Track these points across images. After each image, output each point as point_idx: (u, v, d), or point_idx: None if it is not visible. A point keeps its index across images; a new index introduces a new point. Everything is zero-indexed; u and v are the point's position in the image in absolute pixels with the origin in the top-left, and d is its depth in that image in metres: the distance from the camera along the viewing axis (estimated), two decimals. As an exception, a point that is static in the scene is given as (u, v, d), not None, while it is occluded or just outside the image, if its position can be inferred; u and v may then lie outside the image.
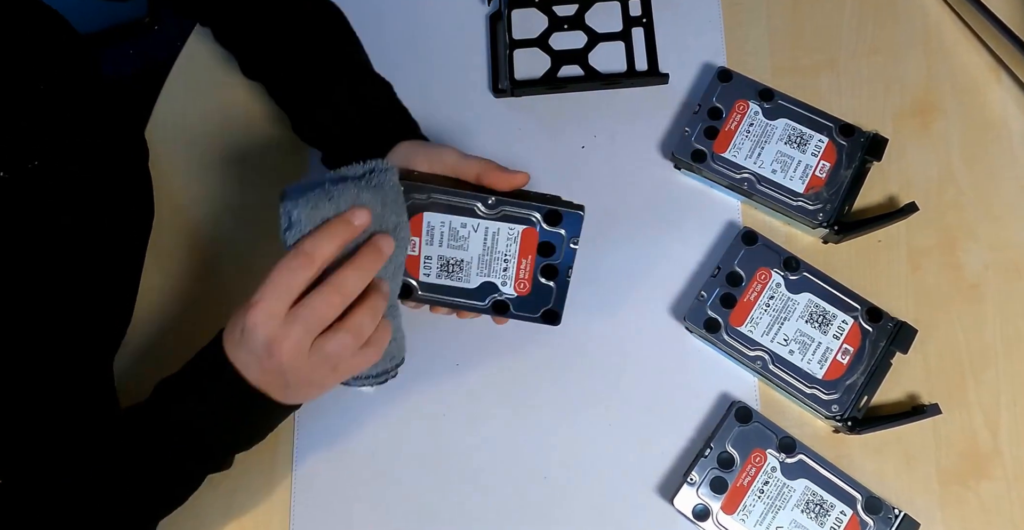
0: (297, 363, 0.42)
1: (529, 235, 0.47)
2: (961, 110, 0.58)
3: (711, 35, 0.61)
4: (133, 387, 0.59)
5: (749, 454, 0.50)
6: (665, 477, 0.53)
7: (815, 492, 0.49)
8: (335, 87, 0.53)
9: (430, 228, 0.47)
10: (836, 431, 0.52)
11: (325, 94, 0.53)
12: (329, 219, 0.42)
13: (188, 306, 0.61)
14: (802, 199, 0.54)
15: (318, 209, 0.42)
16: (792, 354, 0.52)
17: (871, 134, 0.55)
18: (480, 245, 0.47)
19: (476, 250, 0.47)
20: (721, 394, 0.54)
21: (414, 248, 0.48)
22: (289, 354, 0.41)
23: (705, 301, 0.53)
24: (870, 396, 0.51)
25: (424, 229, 0.48)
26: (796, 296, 0.53)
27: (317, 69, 0.54)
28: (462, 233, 0.47)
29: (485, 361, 0.57)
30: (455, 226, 0.47)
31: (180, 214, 0.63)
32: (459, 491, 0.54)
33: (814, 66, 0.60)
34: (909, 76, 0.59)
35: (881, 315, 0.52)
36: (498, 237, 0.47)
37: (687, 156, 0.56)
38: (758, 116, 0.56)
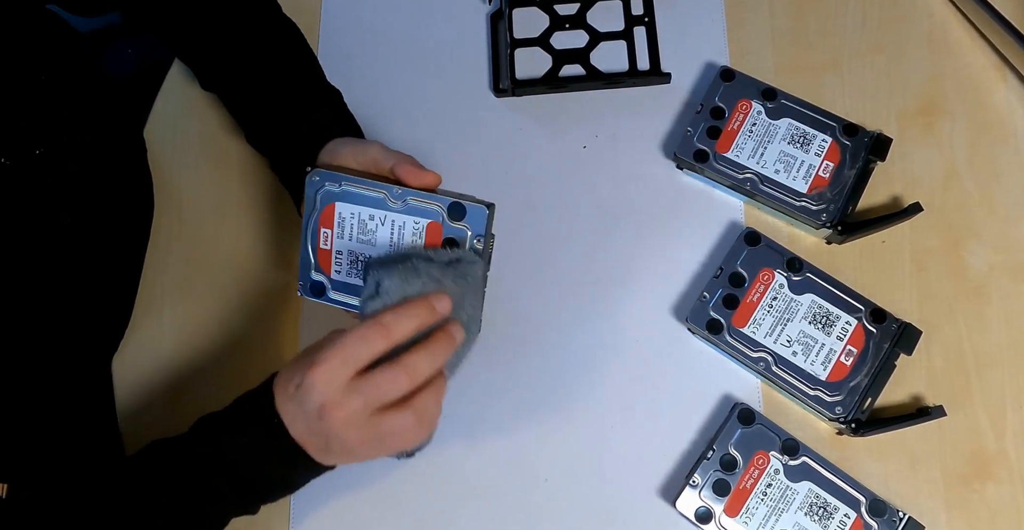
0: (346, 433, 0.41)
1: (433, 230, 0.46)
2: (966, 110, 0.58)
3: (714, 34, 0.62)
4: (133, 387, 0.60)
5: (752, 456, 0.50)
6: (667, 479, 0.53)
7: (818, 495, 0.49)
8: (284, 104, 0.55)
9: (341, 219, 0.47)
10: (839, 433, 0.53)
11: (274, 110, 0.55)
12: (411, 297, 0.43)
13: (187, 306, 0.61)
14: (805, 199, 0.55)
15: (407, 284, 0.43)
16: (795, 355, 0.52)
17: (875, 134, 0.56)
18: (387, 238, 0.47)
19: (383, 246, 0.47)
20: (723, 396, 0.54)
21: (327, 241, 0.48)
22: (340, 423, 0.41)
23: (707, 302, 0.53)
24: (874, 398, 0.51)
25: (336, 220, 0.48)
26: (799, 297, 0.53)
27: (268, 86, 0.56)
28: (370, 226, 0.47)
29: (485, 362, 0.57)
30: (364, 218, 0.47)
31: (179, 214, 0.63)
32: (458, 493, 0.55)
33: (818, 65, 0.60)
34: (913, 75, 0.59)
35: (885, 316, 0.52)
36: (404, 231, 0.47)
37: (689, 156, 0.57)
38: (761, 116, 0.57)
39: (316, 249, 0.49)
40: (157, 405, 0.59)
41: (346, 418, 0.41)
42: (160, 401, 0.59)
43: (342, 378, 0.41)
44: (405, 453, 0.47)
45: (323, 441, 0.42)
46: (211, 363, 0.59)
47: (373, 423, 0.42)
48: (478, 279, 0.46)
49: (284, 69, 0.57)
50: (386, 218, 0.47)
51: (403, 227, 0.47)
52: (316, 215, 0.48)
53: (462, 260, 0.45)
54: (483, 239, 0.46)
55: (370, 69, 0.64)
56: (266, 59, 0.57)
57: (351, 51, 0.65)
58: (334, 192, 0.47)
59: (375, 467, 0.56)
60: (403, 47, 0.65)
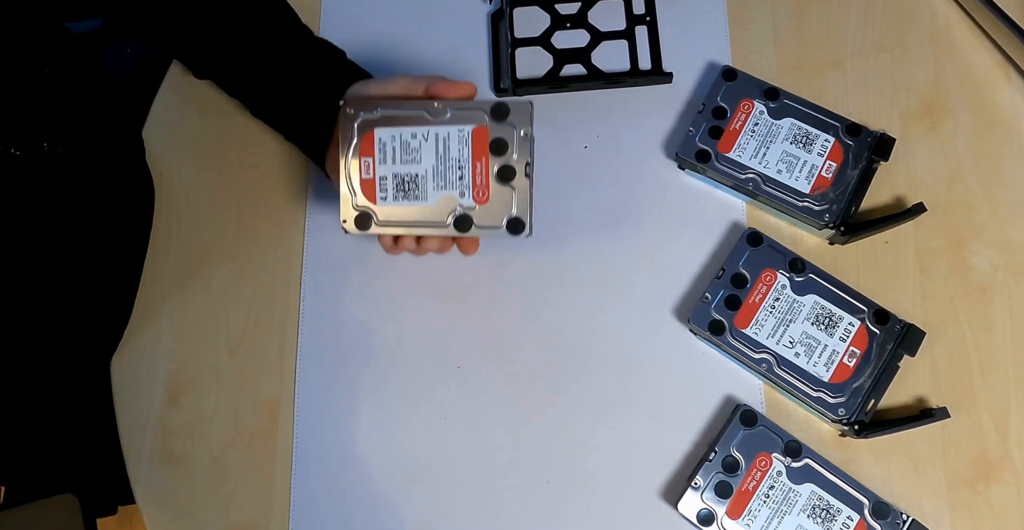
0: None
1: (480, 134, 0.47)
2: (970, 109, 0.58)
3: (716, 33, 0.62)
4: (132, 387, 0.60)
5: (754, 458, 0.51)
6: (669, 481, 0.53)
7: (821, 497, 0.50)
8: (290, 69, 0.54)
9: (382, 145, 0.48)
10: (843, 435, 0.53)
11: (281, 77, 0.54)
12: None
13: (186, 307, 0.61)
14: (808, 200, 0.55)
15: None
16: (798, 357, 0.52)
17: (878, 134, 0.56)
18: (432, 154, 0.47)
19: (429, 161, 0.47)
20: (726, 397, 0.54)
21: (368, 170, 0.48)
22: None
23: (709, 303, 0.54)
24: (877, 399, 0.51)
25: (376, 147, 0.48)
26: (802, 298, 0.53)
27: (269, 57, 0.55)
28: (413, 144, 0.47)
29: (487, 364, 0.57)
30: (406, 138, 0.47)
31: (178, 214, 0.64)
32: (460, 495, 0.55)
33: (820, 65, 0.60)
34: (917, 75, 0.59)
35: (888, 317, 0.52)
36: (449, 142, 0.47)
37: (691, 156, 0.57)
38: (763, 115, 0.57)
39: (358, 180, 0.49)
40: (156, 405, 0.59)
41: None
42: (159, 402, 0.59)
43: None
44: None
45: None
46: (210, 364, 0.60)
47: None
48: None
49: (282, 38, 0.56)
50: (429, 133, 0.47)
51: (448, 138, 0.47)
52: (354, 146, 0.48)
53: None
54: (530, 132, 0.47)
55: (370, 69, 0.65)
56: (260, 33, 0.56)
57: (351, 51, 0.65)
58: (371, 119, 0.48)
59: (375, 468, 0.56)
60: (403, 47, 0.65)
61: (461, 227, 0.48)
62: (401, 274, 0.59)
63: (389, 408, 0.57)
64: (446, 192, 0.48)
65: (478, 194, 0.48)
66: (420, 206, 0.48)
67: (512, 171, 0.47)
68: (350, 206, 0.49)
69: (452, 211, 0.48)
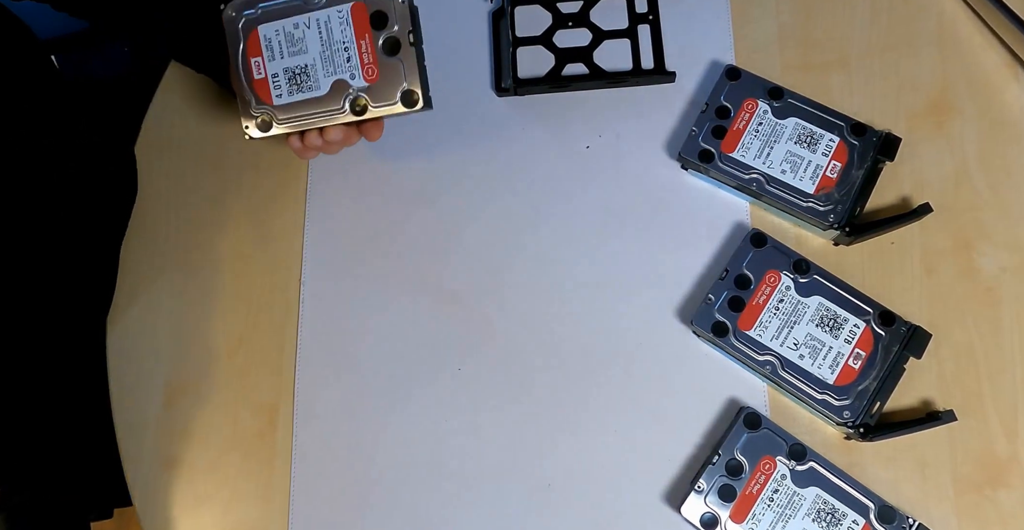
0: None
1: (359, 10, 0.48)
2: (977, 108, 0.58)
3: (719, 32, 0.62)
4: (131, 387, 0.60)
5: (758, 461, 0.51)
6: (672, 485, 0.53)
7: (826, 501, 0.50)
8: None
9: (267, 41, 0.49)
10: (848, 438, 0.53)
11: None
12: None
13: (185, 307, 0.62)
14: (812, 200, 0.55)
15: None
16: (802, 359, 0.52)
17: (883, 133, 0.56)
18: (317, 41, 0.48)
19: (315, 49, 0.48)
20: (729, 400, 0.55)
21: (259, 70, 0.49)
22: None
23: (713, 304, 0.54)
24: (883, 402, 0.51)
25: (262, 45, 0.49)
26: (806, 299, 0.53)
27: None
28: (297, 35, 0.48)
29: (487, 366, 0.57)
30: (289, 30, 0.49)
31: (176, 214, 0.64)
32: (460, 499, 0.55)
33: (825, 64, 0.61)
34: (923, 74, 0.60)
35: (894, 319, 0.52)
36: (331, 25, 0.48)
37: (694, 156, 0.57)
38: (767, 115, 0.57)
39: (251, 83, 0.50)
40: (154, 408, 0.60)
41: None
42: (157, 404, 0.60)
43: None
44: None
45: None
46: (209, 366, 0.60)
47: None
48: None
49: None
50: (310, 20, 0.48)
51: (329, 21, 0.48)
52: (242, 48, 0.49)
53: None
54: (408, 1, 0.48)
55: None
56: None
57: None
58: (253, 17, 0.49)
59: (375, 471, 0.56)
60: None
61: (357, 110, 0.49)
62: (401, 275, 0.60)
63: (389, 410, 0.57)
64: (337, 77, 0.48)
65: (368, 72, 0.48)
66: (315, 96, 0.49)
67: (397, 42, 0.48)
68: (250, 111, 0.50)
69: (347, 95, 0.48)
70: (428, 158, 0.62)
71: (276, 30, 0.49)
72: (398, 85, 0.48)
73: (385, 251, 0.61)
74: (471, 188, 0.61)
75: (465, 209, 0.61)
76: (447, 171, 0.62)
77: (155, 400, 0.60)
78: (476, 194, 0.61)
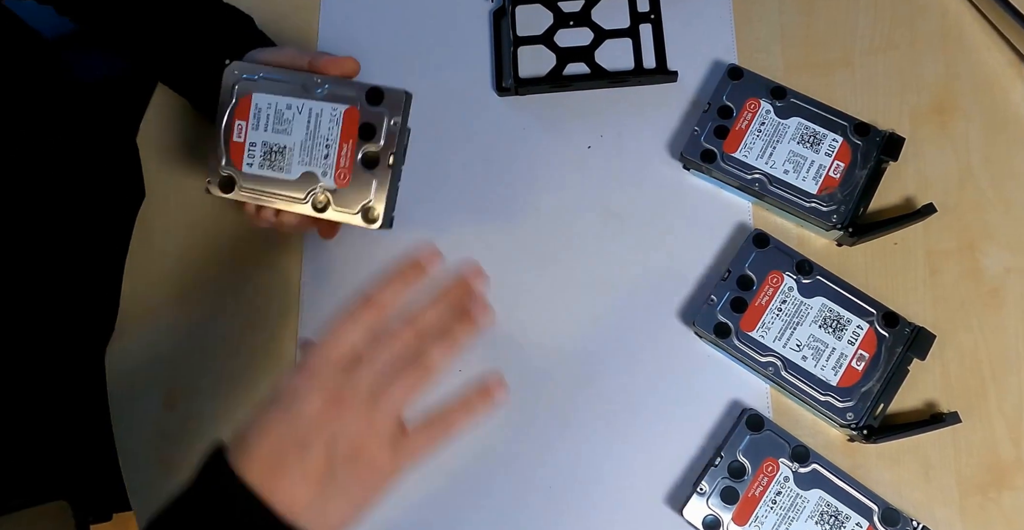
0: (360, 419, 0.38)
1: (351, 115, 0.48)
2: (981, 108, 0.59)
3: (721, 31, 0.62)
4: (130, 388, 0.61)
5: (761, 463, 0.51)
6: (674, 487, 0.54)
7: (829, 503, 0.50)
8: (194, 32, 0.55)
9: (257, 110, 0.49)
10: (851, 440, 0.53)
11: (184, 41, 0.55)
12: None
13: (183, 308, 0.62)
14: (815, 200, 0.55)
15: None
16: (805, 360, 0.52)
17: (887, 133, 0.56)
18: (303, 128, 0.49)
19: (299, 135, 0.49)
20: (732, 401, 0.55)
21: (240, 134, 0.50)
22: (356, 405, 0.37)
23: (715, 305, 0.54)
24: (886, 404, 0.51)
25: (251, 112, 0.49)
26: (809, 300, 0.53)
27: (173, 17, 0.56)
28: (287, 115, 0.49)
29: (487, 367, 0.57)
30: (281, 107, 0.49)
31: (175, 215, 0.64)
32: (459, 501, 0.55)
33: (828, 63, 0.61)
34: (927, 73, 0.60)
35: (898, 320, 0.52)
36: (321, 118, 0.49)
37: (696, 156, 0.57)
38: (770, 115, 0.57)
39: (228, 143, 0.50)
40: (153, 410, 0.60)
41: (360, 399, 0.38)
42: (156, 406, 0.60)
43: (334, 368, 0.38)
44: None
45: (330, 464, 0.37)
46: (208, 368, 0.60)
47: (378, 402, 0.39)
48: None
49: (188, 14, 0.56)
50: (304, 106, 0.49)
51: (320, 114, 0.49)
52: (231, 107, 0.50)
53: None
54: (400, 123, 0.48)
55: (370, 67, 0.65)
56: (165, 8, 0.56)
57: (351, 49, 0.66)
58: (252, 81, 0.49)
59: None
60: (404, 45, 0.66)
61: (318, 207, 0.49)
62: (401, 276, 0.60)
63: (389, 412, 0.57)
64: (310, 168, 0.49)
65: (340, 176, 0.49)
66: (283, 178, 0.49)
67: (376, 159, 0.48)
68: (218, 168, 0.51)
69: (312, 189, 0.49)
70: (428, 158, 0.62)
71: (269, 103, 0.49)
72: (363, 198, 0.49)
73: (384, 251, 0.61)
74: (471, 188, 0.62)
75: (465, 209, 0.61)
76: (446, 170, 0.62)
77: (154, 402, 0.60)
78: (476, 194, 0.61)
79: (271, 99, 0.49)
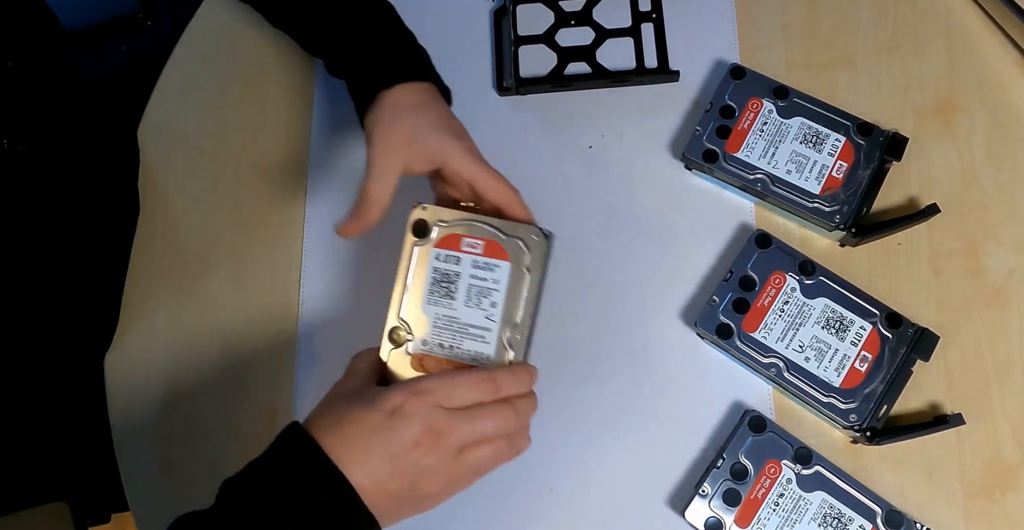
0: (440, 464, 0.41)
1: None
2: (985, 108, 0.59)
3: (723, 30, 0.62)
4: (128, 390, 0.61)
5: (763, 465, 0.51)
6: (676, 489, 0.54)
7: (832, 505, 0.50)
8: (357, 37, 0.52)
9: (454, 277, 0.46)
10: (854, 442, 0.53)
11: (347, 44, 0.52)
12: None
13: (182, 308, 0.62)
14: (818, 200, 0.55)
15: None
16: (808, 361, 0.52)
17: (890, 133, 0.56)
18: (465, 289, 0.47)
19: (463, 291, 0.46)
20: (734, 402, 0.55)
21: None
22: (443, 451, 0.40)
23: (717, 306, 0.54)
24: (890, 405, 0.51)
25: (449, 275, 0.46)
26: (812, 301, 0.53)
27: (338, 20, 0.53)
28: (451, 277, 0.47)
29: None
30: (445, 269, 0.47)
31: (173, 215, 0.65)
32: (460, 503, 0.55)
33: (831, 62, 0.61)
34: (931, 72, 0.60)
35: (901, 321, 0.52)
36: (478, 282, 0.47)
37: (698, 156, 0.58)
38: (772, 114, 0.57)
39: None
40: (152, 411, 0.60)
41: (451, 444, 0.40)
42: (155, 407, 0.60)
43: (443, 409, 0.41)
44: None
45: (408, 482, 0.40)
46: (207, 368, 0.61)
47: (466, 453, 0.42)
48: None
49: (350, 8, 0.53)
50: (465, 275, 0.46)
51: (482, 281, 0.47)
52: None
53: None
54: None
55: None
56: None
57: (351, 49, 0.66)
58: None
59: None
60: (404, 44, 0.66)
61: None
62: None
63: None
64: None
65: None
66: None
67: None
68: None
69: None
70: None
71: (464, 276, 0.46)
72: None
73: (385, 251, 0.61)
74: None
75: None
76: (448, 171, 0.62)
77: (152, 403, 0.60)
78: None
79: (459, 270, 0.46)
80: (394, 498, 0.40)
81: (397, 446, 0.40)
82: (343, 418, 0.41)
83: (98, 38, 1.41)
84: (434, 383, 0.41)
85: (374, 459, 0.39)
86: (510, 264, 0.46)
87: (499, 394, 0.42)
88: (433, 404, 0.41)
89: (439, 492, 0.42)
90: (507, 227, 0.46)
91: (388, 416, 0.40)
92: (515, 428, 0.43)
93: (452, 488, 0.42)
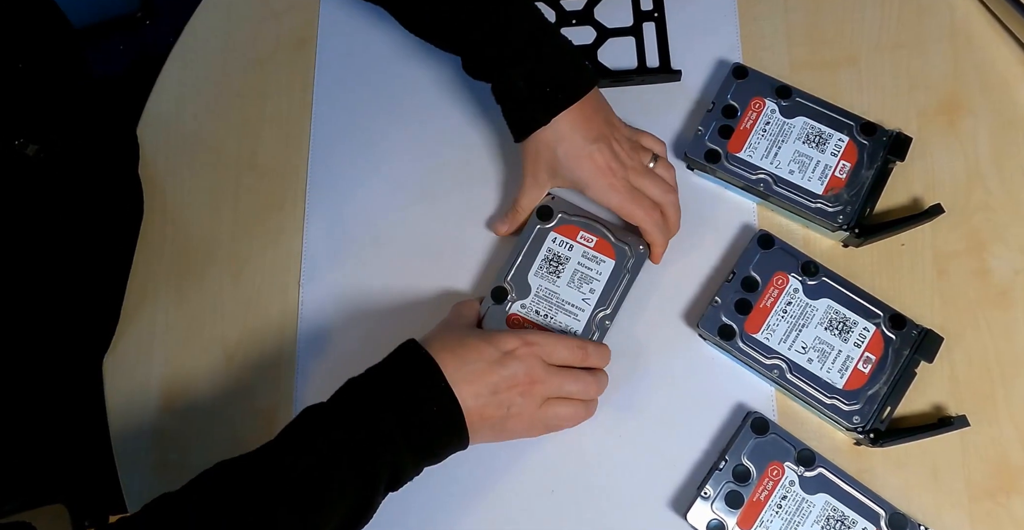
0: (529, 408, 0.48)
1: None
2: (989, 107, 0.59)
3: (726, 30, 0.63)
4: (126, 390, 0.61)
5: (766, 467, 0.51)
6: (678, 491, 0.54)
7: (836, 507, 0.50)
8: (510, 74, 0.53)
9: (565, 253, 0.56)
10: (857, 443, 0.53)
11: (501, 78, 0.54)
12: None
13: (181, 308, 0.62)
14: (821, 201, 0.55)
15: None
16: (811, 363, 0.52)
17: (894, 132, 0.56)
18: (570, 274, 0.56)
19: (566, 278, 0.56)
20: (736, 404, 0.55)
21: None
22: (535, 396, 0.48)
23: (719, 307, 0.54)
24: (893, 407, 0.51)
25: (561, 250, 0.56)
26: (815, 302, 0.53)
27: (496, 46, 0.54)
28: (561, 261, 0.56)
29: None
30: (557, 251, 0.56)
31: (172, 215, 0.65)
32: (462, 504, 0.55)
33: (834, 61, 0.61)
34: (934, 71, 0.60)
35: (905, 322, 0.52)
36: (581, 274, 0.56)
37: (700, 156, 0.58)
38: (775, 114, 0.57)
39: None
40: (150, 412, 0.60)
41: (541, 392, 0.49)
42: (153, 408, 0.60)
43: (543, 361, 0.49)
44: None
45: (500, 414, 0.48)
46: (206, 370, 0.61)
47: (549, 405, 0.50)
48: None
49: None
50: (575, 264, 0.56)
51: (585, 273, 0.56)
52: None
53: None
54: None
55: (370, 67, 0.66)
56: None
57: (350, 49, 0.67)
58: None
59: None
60: (404, 44, 0.66)
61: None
62: (403, 279, 0.60)
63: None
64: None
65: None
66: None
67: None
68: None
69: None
70: (429, 158, 0.63)
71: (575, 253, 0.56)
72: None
73: (386, 252, 0.61)
74: (473, 188, 0.62)
75: (467, 210, 0.61)
76: (448, 171, 0.62)
77: (151, 405, 0.60)
78: (479, 194, 0.62)
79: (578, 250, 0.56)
80: (486, 424, 0.48)
81: (503, 381, 0.47)
82: (464, 343, 0.48)
83: (98, 37, 1.42)
84: (541, 338, 0.49)
85: (482, 386, 0.47)
86: (615, 262, 0.55)
87: (586, 362, 0.51)
88: (537, 355, 0.49)
89: (519, 431, 0.50)
90: (618, 232, 0.56)
91: (502, 354, 0.48)
92: (593, 395, 0.51)
93: (529, 431, 0.50)
